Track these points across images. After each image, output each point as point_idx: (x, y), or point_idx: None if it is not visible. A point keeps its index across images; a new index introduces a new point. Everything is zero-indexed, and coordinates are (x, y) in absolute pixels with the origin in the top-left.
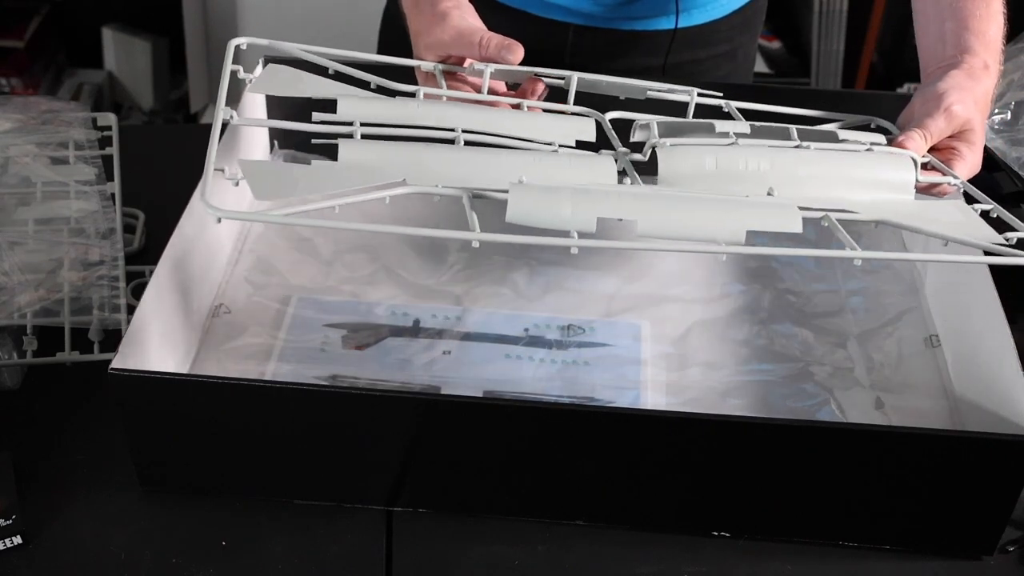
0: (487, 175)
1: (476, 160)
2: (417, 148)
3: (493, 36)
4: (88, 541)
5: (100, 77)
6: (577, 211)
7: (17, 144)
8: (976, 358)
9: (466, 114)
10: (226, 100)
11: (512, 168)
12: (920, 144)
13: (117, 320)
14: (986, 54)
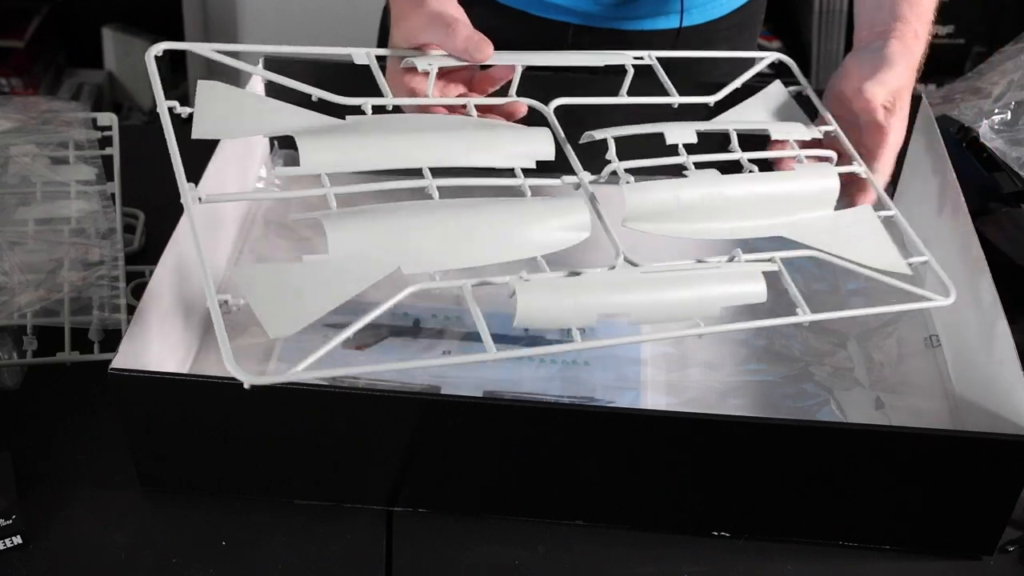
0: (476, 247)
1: (461, 227)
2: (401, 221)
3: (464, 27)
4: (88, 541)
5: (100, 77)
6: (579, 311)
7: (17, 144)
8: (976, 358)
9: (425, 143)
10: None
11: (498, 234)
12: (888, 160)
13: (117, 320)
14: (917, 23)
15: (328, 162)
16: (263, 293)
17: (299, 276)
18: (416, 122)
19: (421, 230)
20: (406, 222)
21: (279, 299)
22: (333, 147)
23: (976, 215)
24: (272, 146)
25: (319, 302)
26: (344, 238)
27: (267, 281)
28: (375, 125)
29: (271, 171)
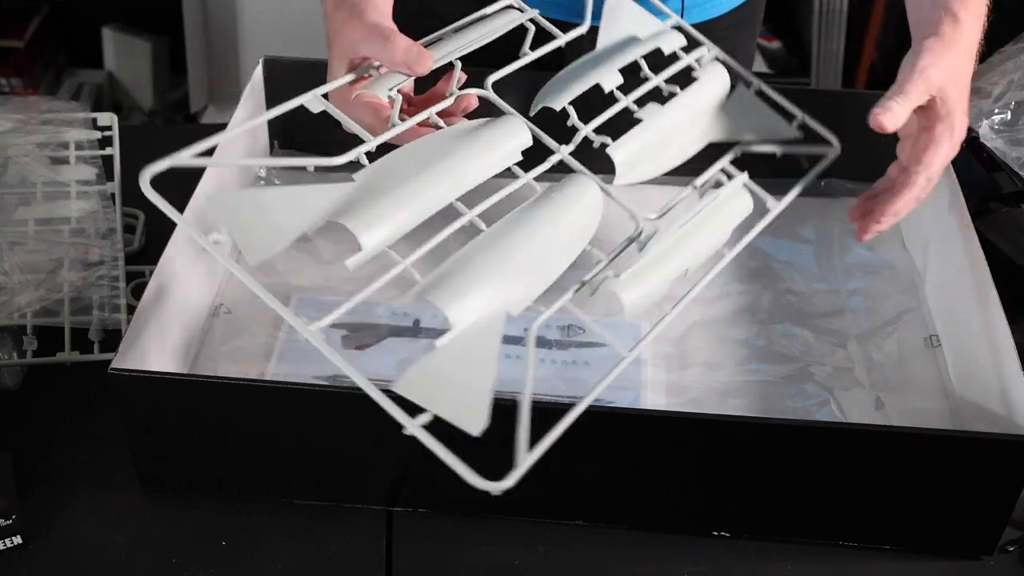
0: (541, 272)
1: (520, 270)
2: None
3: (402, 39)
4: (88, 541)
5: (100, 77)
6: (663, 282)
7: (17, 144)
8: (976, 358)
9: (440, 179)
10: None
11: (550, 249)
12: (899, 110)
13: (117, 320)
14: (959, 7)
15: (387, 238)
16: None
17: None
18: (416, 157)
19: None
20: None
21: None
22: (381, 221)
23: (976, 215)
24: (272, 146)
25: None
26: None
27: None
28: (390, 176)
29: (271, 171)
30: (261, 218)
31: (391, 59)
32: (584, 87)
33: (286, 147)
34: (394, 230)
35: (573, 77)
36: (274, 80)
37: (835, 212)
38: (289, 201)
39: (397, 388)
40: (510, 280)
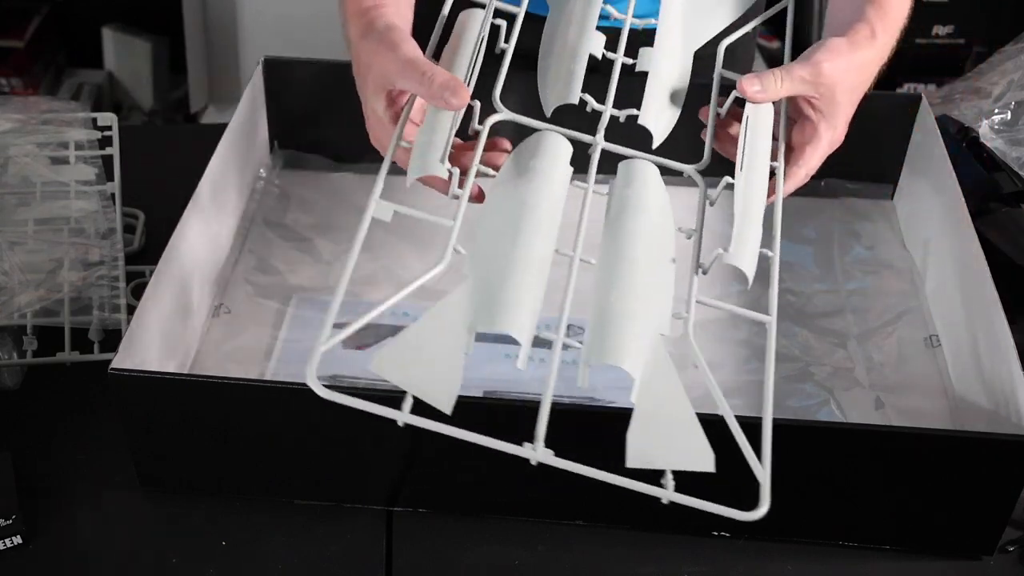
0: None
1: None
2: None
3: (439, 73)
4: (88, 541)
5: (100, 77)
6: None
7: (17, 144)
8: (976, 358)
9: (533, 240)
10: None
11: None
12: (770, 83)
13: (117, 320)
14: (877, 22)
15: (534, 319)
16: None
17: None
18: (501, 227)
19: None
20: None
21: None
22: (523, 310)
23: (976, 215)
24: (272, 146)
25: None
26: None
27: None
28: (493, 259)
29: (271, 171)
30: (426, 363)
31: (429, 94)
32: (582, 66)
33: (285, 147)
34: (534, 309)
35: (563, 58)
36: (274, 80)
37: (835, 212)
38: (433, 334)
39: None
40: (653, 303)
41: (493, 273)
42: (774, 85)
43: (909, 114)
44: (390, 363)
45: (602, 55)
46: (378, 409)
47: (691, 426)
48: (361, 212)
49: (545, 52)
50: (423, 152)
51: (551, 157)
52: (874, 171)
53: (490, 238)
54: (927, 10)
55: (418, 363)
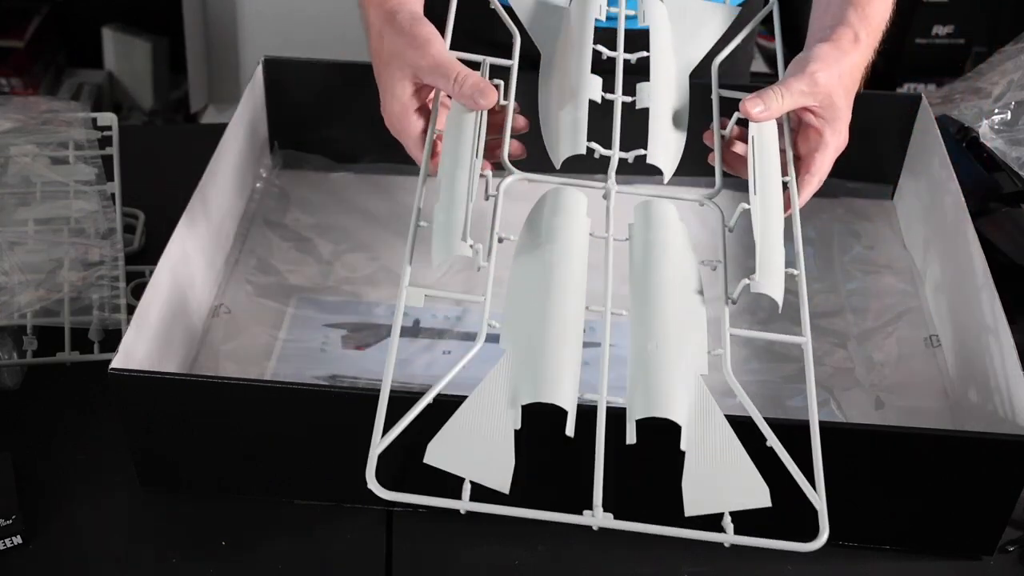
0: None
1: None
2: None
3: (470, 75)
4: (88, 541)
5: (100, 77)
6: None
7: (17, 144)
8: (976, 358)
9: (564, 299)
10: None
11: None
12: (773, 102)
13: (117, 320)
14: (860, 26)
15: (576, 383)
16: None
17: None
18: (531, 295)
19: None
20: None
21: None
22: (565, 376)
23: (976, 215)
24: (272, 146)
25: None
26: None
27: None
28: (527, 328)
29: (271, 171)
30: (477, 446)
31: (459, 93)
32: (585, 112)
33: (285, 147)
34: (575, 373)
35: (565, 108)
36: (274, 80)
37: (835, 212)
38: (480, 415)
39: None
40: (689, 346)
41: (531, 344)
42: (776, 102)
43: (909, 114)
44: (443, 452)
45: (601, 98)
46: (441, 502)
47: (743, 464)
48: (361, 212)
49: (544, 101)
50: (446, 232)
51: (569, 214)
52: (874, 171)
53: (522, 306)
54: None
55: (470, 447)
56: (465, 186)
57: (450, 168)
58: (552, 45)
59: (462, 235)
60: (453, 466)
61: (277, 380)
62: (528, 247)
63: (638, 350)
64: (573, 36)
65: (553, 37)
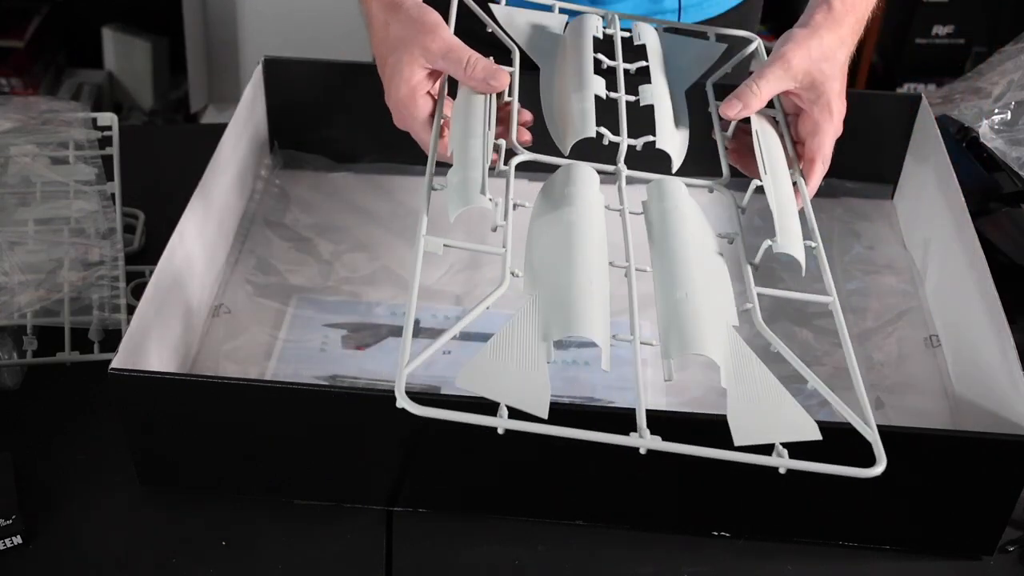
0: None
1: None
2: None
3: (481, 59)
4: (88, 541)
5: (100, 77)
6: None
7: (17, 144)
8: (976, 358)
9: (588, 257)
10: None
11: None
12: (750, 98)
13: (117, 320)
14: (840, 6)
15: (607, 320)
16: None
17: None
18: (554, 244)
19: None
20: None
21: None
22: (596, 313)
23: (976, 215)
24: (272, 146)
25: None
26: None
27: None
28: (554, 272)
29: (271, 171)
30: (511, 374)
31: (470, 76)
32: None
33: (285, 147)
34: (605, 314)
35: (570, 98)
36: (274, 80)
37: (835, 212)
38: (511, 346)
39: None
40: (718, 298)
41: (558, 285)
42: (753, 95)
43: (909, 114)
44: (476, 378)
45: (605, 95)
46: (477, 419)
47: (787, 402)
48: (361, 212)
49: (547, 98)
50: (463, 188)
51: (582, 183)
52: (874, 171)
53: (545, 258)
54: (927, 10)
55: (503, 375)
56: (480, 151)
57: (461, 139)
58: (551, 61)
59: (480, 189)
60: (487, 391)
61: (277, 380)
62: (545, 210)
63: (667, 299)
64: (572, 50)
65: (551, 56)
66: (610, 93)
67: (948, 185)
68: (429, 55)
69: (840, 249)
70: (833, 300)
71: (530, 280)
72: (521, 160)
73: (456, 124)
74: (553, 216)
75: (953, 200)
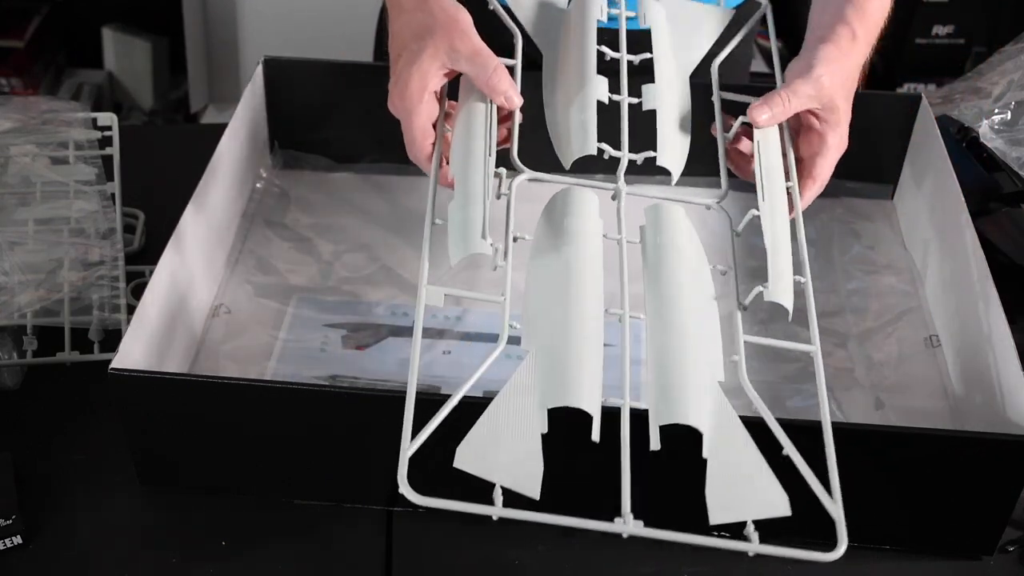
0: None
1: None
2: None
3: (506, 73)
4: (88, 541)
5: (100, 77)
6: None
7: (17, 144)
8: (976, 358)
9: (586, 299)
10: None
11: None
12: (778, 107)
13: (117, 320)
14: (857, 24)
15: (598, 386)
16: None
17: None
18: (551, 296)
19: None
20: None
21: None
22: (591, 380)
23: (976, 215)
24: (272, 146)
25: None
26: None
27: (487, 454)
28: (550, 333)
29: (271, 171)
30: (505, 450)
31: (491, 85)
32: (593, 114)
33: (286, 147)
34: (598, 374)
35: (573, 109)
36: (274, 80)
37: (835, 212)
38: (507, 419)
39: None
40: (706, 351)
41: (554, 347)
42: (781, 107)
43: (909, 114)
44: (472, 456)
45: (608, 99)
46: (474, 508)
47: (763, 473)
48: (361, 212)
49: (551, 102)
50: (463, 229)
51: (582, 216)
52: (874, 171)
53: (542, 308)
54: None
55: (498, 451)
56: (480, 184)
57: (463, 166)
58: (554, 46)
59: (481, 233)
60: (483, 471)
61: (277, 380)
62: (544, 249)
63: (658, 355)
64: (575, 37)
65: (554, 38)
66: (612, 96)
67: (948, 185)
68: (455, 55)
69: (840, 249)
70: (815, 350)
71: (528, 333)
72: (523, 180)
73: (457, 148)
74: (551, 258)
75: (953, 200)
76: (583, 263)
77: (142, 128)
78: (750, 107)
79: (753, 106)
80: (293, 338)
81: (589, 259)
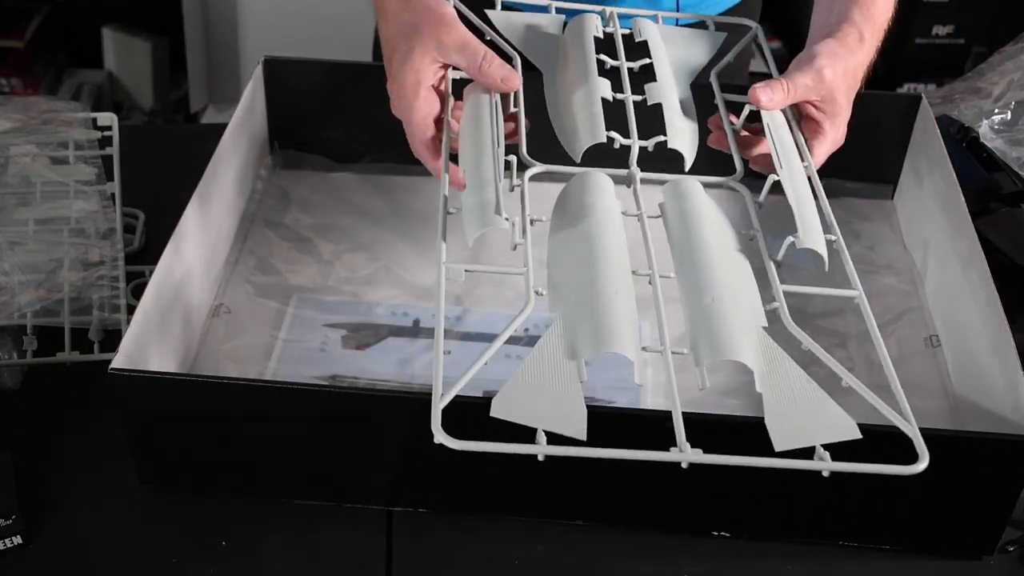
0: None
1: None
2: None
3: (496, 58)
4: (88, 541)
5: (100, 77)
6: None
7: (17, 144)
8: (976, 358)
9: (610, 269)
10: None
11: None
12: (779, 93)
13: (117, 320)
14: (864, 26)
15: (635, 334)
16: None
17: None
18: (576, 259)
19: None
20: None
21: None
22: (624, 326)
23: (976, 215)
24: (272, 146)
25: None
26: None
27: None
28: (578, 289)
29: (271, 171)
30: (545, 398)
31: (484, 73)
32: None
33: (286, 147)
34: (633, 327)
35: (578, 104)
36: (274, 80)
37: (835, 212)
38: (542, 369)
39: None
40: (745, 299)
41: (584, 302)
42: (782, 93)
43: (909, 114)
44: (510, 405)
45: (612, 97)
46: (516, 448)
47: (824, 402)
48: (361, 212)
49: (553, 103)
50: (479, 210)
51: (597, 192)
52: (874, 171)
53: (568, 274)
54: (927, 10)
55: (537, 399)
56: (491, 170)
57: (472, 157)
58: (552, 65)
59: (496, 210)
60: (523, 417)
61: (277, 380)
62: (563, 225)
63: (694, 304)
64: (574, 50)
65: (552, 58)
66: (616, 95)
67: (948, 185)
68: (443, 48)
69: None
70: (859, 294)
71: (554, 298)
72: (535, 172)
73: (465, 142)
74: (571, 230)
75: (953, 200)
76: (606, 231)
77: (142, 128)
78: (752, 88)
79: (755, 86)
80: (293, 338)
81: (611, 227)
